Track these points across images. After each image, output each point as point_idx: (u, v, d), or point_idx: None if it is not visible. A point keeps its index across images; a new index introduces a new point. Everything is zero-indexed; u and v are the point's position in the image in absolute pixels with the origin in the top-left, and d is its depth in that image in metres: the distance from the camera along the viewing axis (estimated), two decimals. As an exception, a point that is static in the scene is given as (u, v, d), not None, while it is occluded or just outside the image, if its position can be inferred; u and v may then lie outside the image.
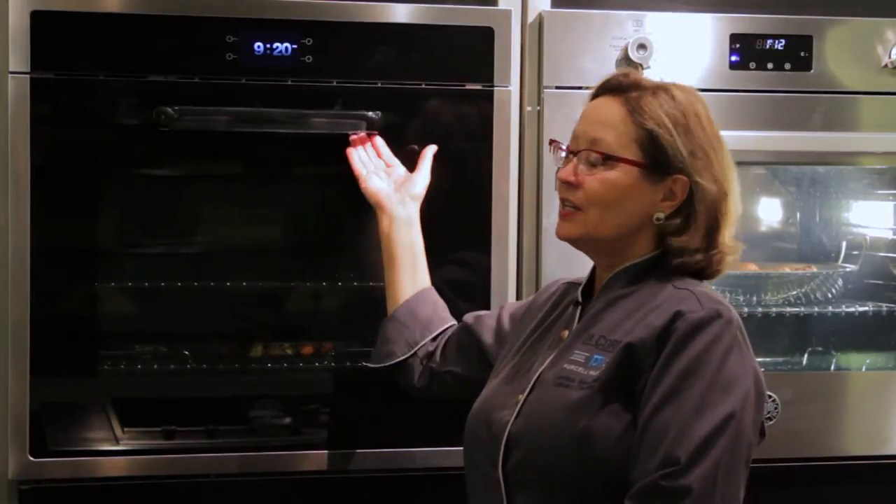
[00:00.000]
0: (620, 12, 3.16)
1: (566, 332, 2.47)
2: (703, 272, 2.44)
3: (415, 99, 3.00)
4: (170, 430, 2.98)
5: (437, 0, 3.04)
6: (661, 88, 2.42)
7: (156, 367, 3.04)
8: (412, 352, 2.84)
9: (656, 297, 2.37)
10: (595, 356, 2.33)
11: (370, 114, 2.91)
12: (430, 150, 2.96)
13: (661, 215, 2.41)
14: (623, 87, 2.43)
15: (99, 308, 2.99)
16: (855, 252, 3.66)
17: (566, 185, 2.42)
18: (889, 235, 3.62)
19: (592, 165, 2.40)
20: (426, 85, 3.01)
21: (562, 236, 2.47)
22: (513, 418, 2.38)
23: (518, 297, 3.14)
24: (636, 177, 2.39)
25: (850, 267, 3.60)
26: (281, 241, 3.19)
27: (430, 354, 2.84)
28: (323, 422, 3.08)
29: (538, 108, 3.13)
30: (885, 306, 3.50)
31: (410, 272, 2.89)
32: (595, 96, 2.48)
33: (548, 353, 2.46)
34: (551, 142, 2.54)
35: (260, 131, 2.91)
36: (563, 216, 2.45)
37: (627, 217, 2.41)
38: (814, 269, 3.56)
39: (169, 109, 2.83)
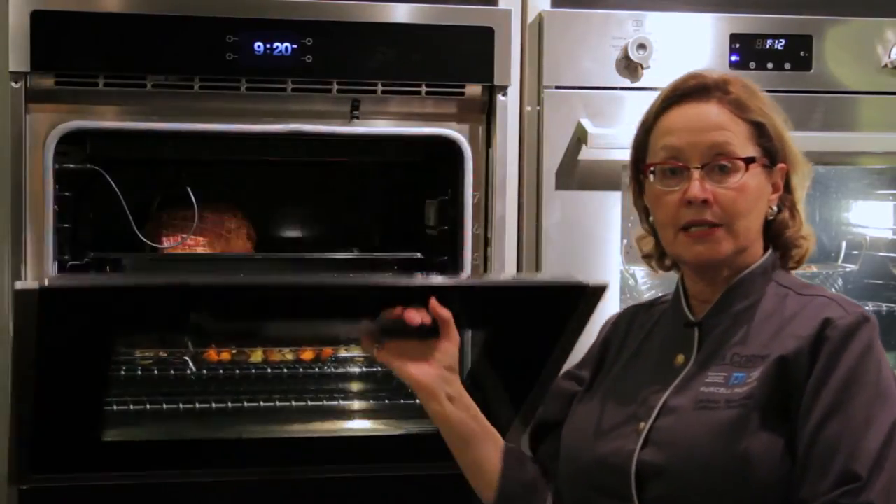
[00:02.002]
0: (620, 12, 3.16)
1: (681, 357, 2.27)
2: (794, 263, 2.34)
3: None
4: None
5: (437, 0, 3.04)
6: (731, 80, 2.28)
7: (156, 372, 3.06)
8: None
9: (785, 307, 2.23)
10: (734, 374, 2.18)
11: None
12: (441, 310, 2.35)
13: (773, 209, 2.29)
14: (707, 88, 2.26)
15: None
16: (855, 252, 3.66)
17: (699, 204, 2.20)
18: (889, 235, 3.62)
19: (725, 174, 2.21)
20: (426, 85, 3.01)
21: (710, 260, 2.23)
22: (638, 447, 2.20)
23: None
24: (762, 175, 2.24)
25: (850, 267, 3.60)
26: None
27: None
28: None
29: (538, 108, 3.13)
30: (885, 306, 3.50)
31: (493, 442, 2.41)
32: (668, 107, 2.28)
33: (665, 379, 2.26)
34: (646, 167, 2.28)
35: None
36: (699, 238, 2.22)
37: (760, 220, 2.26)
38: (814, 269, 3.56)
39: (204, 317, 2.49)
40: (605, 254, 3.18)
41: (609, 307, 3.17)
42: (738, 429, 2.12)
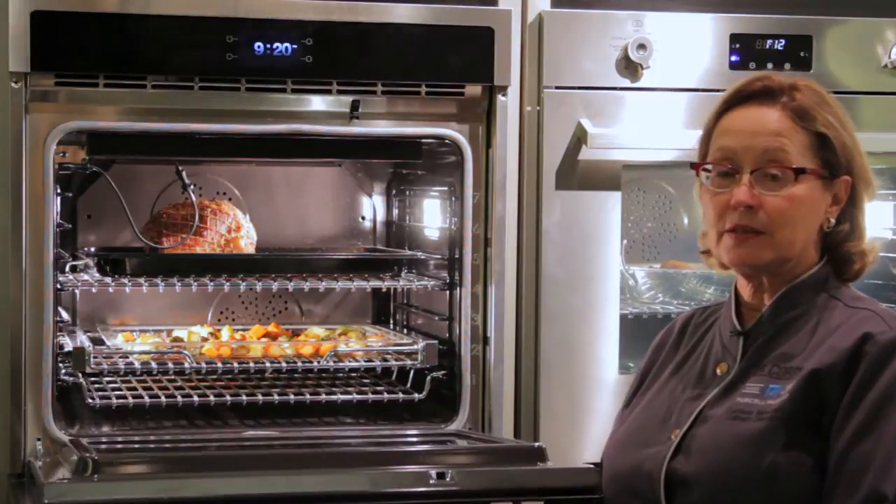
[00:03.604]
0: (620, 12, 3.16)
1: (724, 365, 2.27)
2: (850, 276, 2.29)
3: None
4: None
5: (438, 0, 3.03)
6: (800, 87, 2.24)
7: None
8: None
9: (831, 318, 2.20)
10: (771, 385, 2.17)
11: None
12: None
13: (833, 221, 2.24)
14: (772, 92, 2.23)
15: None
16: (855, 252, 3.65)
17: (744, 209, 2.19)
18: (889, 235, 3.62)
19: (776, 182, 2.19)
20: (426, 85, 3.01)
21: (746, 263, 2.23)
22: (669, 453, 2.20)
23: (518, 298, 3.15)
24: (817, 187, 2.21)
25: (850, 267, 3.59)
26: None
27: None
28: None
29: (538, 108, 3.13)
30: (884, 306, 3.48)
31: None
32: (729, 108, 2.26)
33: (706, 388, 2.26)
34: (695, 165, 2.28)
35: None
36: (741, 241, 2.20)
37: (810, 231, 2.23)
38: (814, 268, 3.55)
39: None
40: (605, 254, 3.18)
41: (609, 307, 3.19)
42: (765, 441, 2.11)
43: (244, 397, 3.08)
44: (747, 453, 2.12)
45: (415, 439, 3.02)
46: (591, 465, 2.46)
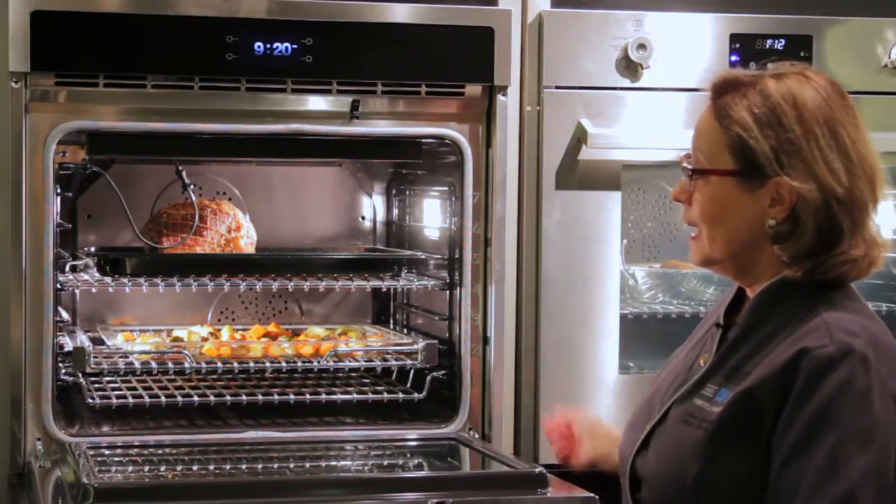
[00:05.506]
0: (620, 12, 3.16)
1: (706, 357, 2.24)
2: (842, 277, 2.16)
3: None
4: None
5: (437, 0, 3.04)
6: (753, 84, 2.18)
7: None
8: None
9: (790, 323, 2.12)
10: (722, 390, 2.13)
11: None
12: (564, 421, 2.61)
13: (773, 222, 2.14)
14: (719, 90, 2.21)
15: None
16: (855, 252, 3.65)
17: (685, 206, 2.24)
18: (889, 235, 3.62)
19: (692, 180, 2.20)
20: (426, 85, 3.01)
21: (692, 261, 2.28)
22: (635, 448, 2.23)
23: (518, 298, 3.15)
24: (732, 186, 2.16)
25: (850, 267, 3.59)
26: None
27: None
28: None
29: (538, 108, 3.13)
30: (884, 306, 3.50)
31: None
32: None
33: (684, 380, 2.24)
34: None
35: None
36: (691, 241, 2.25)
37: (735, 231, 2.17)
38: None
39: None
40: (605, 254, 3.18)
41: (609, 307, 3.19)
42: (697, 452, 2.10)
43: (244, 397, 3.08)
44: (684, 461, 2.12)
45: (413, 444, 3.02)
46: (592, 495, 2.47)
